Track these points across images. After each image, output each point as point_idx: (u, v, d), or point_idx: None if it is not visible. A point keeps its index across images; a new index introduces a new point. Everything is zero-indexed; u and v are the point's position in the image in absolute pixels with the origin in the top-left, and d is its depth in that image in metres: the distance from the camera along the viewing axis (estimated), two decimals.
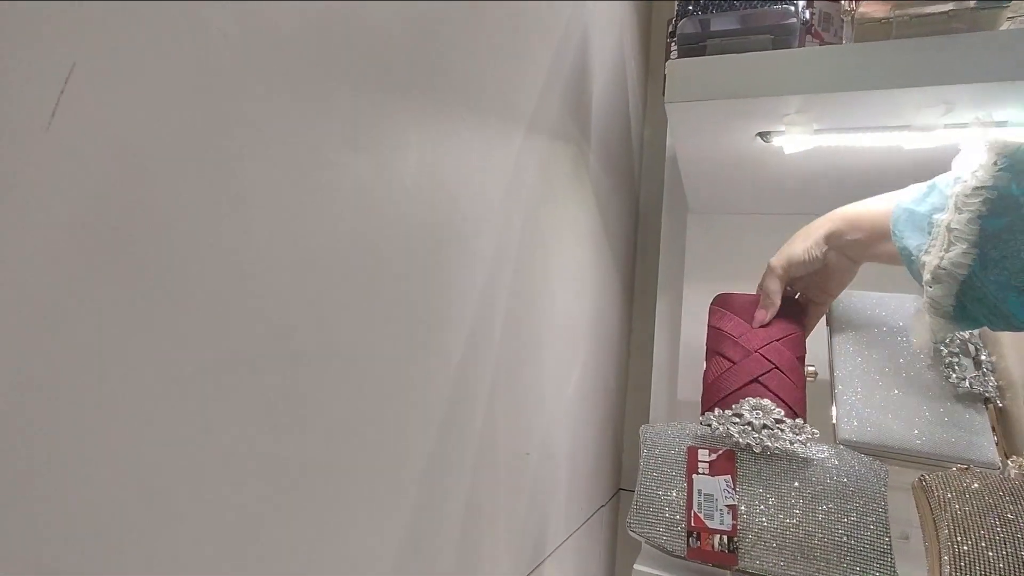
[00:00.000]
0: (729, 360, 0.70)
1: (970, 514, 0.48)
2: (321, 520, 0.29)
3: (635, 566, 0.52)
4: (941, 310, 0.48)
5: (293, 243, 0.27)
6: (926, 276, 0.48)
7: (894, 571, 0.48)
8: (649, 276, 1.04)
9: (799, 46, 0.60)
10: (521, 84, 0.52)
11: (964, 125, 0.57)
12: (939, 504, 0.50)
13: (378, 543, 0.34)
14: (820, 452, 0.53)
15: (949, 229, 0.47)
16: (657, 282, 0.99)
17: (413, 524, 0.37)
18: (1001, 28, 0.51)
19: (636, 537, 0.54)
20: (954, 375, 0.60)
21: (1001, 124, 0.56)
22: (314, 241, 0.28)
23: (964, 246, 0.46)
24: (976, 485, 0.50)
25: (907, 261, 0.52)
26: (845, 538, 0.48)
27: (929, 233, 0.49)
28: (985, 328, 0.66)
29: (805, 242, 0.61)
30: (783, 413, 0.56)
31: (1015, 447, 0.59)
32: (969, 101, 0.53)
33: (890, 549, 0.48)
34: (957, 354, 0.62)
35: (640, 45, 1.01)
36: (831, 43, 0.63)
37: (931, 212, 0.49)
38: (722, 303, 0.75)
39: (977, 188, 0.46)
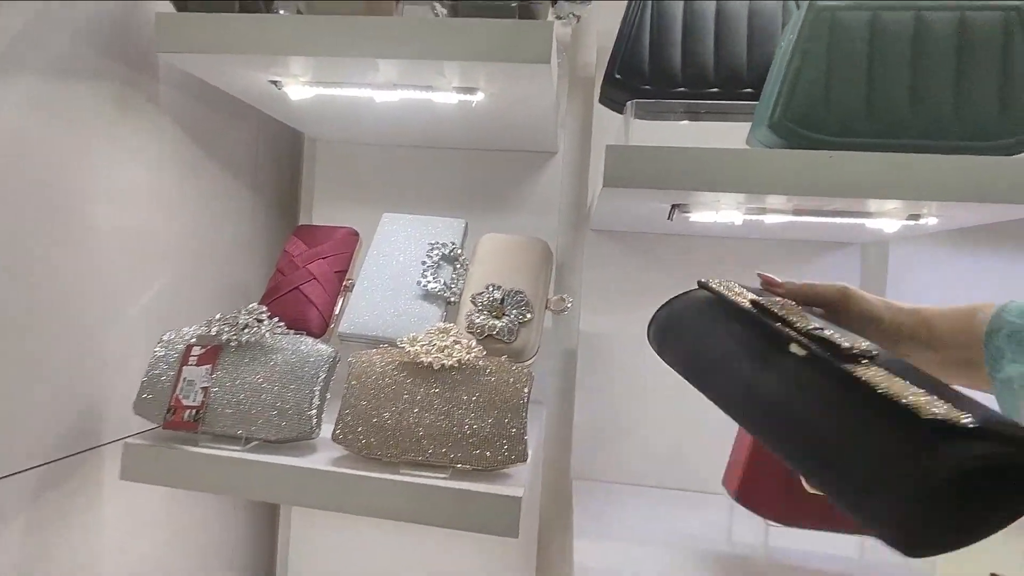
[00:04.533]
0: (282, 273, 0.85)
1: (375, 381, 0.68)
2: None
3: (126, 440, 0.67)
4: None
5: None
6: None
7: (314, 426, 0.67)
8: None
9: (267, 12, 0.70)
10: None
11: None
12: (358, 373, 0.69)
13: None
14: (284, 342, 0.70)
15: None
16: (299, 204, 1.11)
17: None
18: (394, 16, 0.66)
19: (136, 414, 0.68)
20: (424, 280, 0.80)
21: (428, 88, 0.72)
22: None
23: None
24: (388, 362, 0.70)
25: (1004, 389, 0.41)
26: (279, 402, 0.66)
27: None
28: (481, 244, 0.87)
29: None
30: (268, 312, 0.72)
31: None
32: (392, 71, 0.68)
33: (315, 409, 0.67)
34: (439, 262, 0.82)
35: None
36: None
37: None
38: (296, 232, 0.91)
39: None
